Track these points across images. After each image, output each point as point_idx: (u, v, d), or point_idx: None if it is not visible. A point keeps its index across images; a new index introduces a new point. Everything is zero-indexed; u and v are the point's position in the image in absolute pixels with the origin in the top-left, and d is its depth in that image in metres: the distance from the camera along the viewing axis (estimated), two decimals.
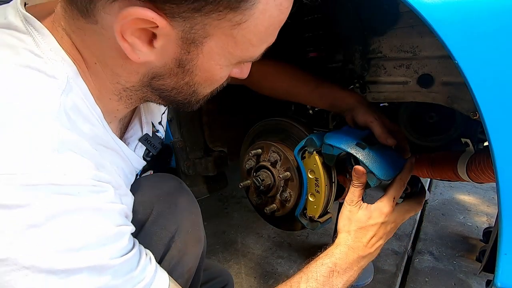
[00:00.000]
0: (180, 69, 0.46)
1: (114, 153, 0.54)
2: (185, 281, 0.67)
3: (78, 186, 0.40)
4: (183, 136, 1.08)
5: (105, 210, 0.42)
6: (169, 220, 0.64)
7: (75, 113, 0.44)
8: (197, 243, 0.70)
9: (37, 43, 0.43)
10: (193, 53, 0.44)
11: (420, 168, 0.90)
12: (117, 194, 0.47)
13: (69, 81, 0.44)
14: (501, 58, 0.45)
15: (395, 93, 0.88)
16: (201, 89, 0.52)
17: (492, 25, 0.45)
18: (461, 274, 1.28)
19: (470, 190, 1.99)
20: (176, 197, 0.67)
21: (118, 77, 0.48)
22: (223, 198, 2.03)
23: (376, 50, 0.87)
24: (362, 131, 0.75)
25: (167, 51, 0.44)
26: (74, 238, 0.38)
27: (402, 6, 0.77)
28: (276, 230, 1.62)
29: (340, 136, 0.73)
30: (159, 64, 0.46)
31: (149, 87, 0.50)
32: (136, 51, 0.42)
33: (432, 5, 0.47)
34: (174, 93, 0.51)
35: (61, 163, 0.38)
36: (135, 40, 0.41)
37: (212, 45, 0.44)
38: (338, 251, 0.64)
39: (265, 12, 0.42)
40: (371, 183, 0.70)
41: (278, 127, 0.89)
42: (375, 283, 1.24)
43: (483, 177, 0.77)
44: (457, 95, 0.76)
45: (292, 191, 0.84)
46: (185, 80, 0.49)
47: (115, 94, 0.50)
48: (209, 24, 0.41)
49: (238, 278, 1.31)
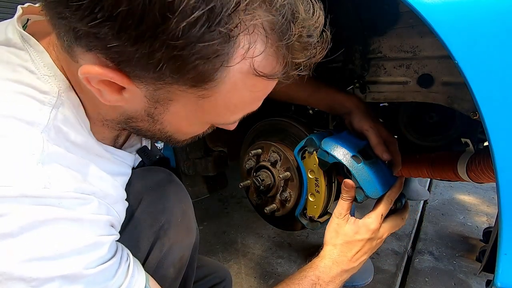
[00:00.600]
0: (150, 118, 0.47)
1: (106, 160, 0.54)
2: (177, 270, 0.67)
3: (59, 198, 0.40)
4: None
5: (85, 220, 0.43)
6: (158, 209, 0.64)
7: (67, 126, 0.45)
8: (188, 233, 0.69)
9: (32, 59, 0.45)
10: (160, 110, 0.44)
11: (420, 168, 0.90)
12: (102, 205, 0.47)
13: (61, 95, 0.45)
14: (501, 58, 0.45)
15: (395, 93, 0.88)
16: (178, 137, 0.53)
17: (492, 25, 0.45)
18: (461, 274, 1.28)
19: (470, 190, 1.99)
20: (165, 187, 0.67)
21: (99, 109, 0.49)
22: (223, 198, 2.03)
23: (376, 50, 0.87)
24: (360, 141, 0.75)
25: (135, 102, 0.44)
26: (49, 247, 0.38)
27: (402, 6, 0.77)
28: (276, 230, 1.62)
29: (338, 144, 0.72)
30: (130, 110, 0.46)
31: (125, 124, 0.51)
32: (104, 96, 0.42)
33: (432, 5, 0.47)
34: (150, 135, 0.52)
35: (44, 176, 0.39)
36: (103, 88, 0.41)
37: (179, 108, 0.44)
38: (322, 264, 0.67)
39: (233, 91, 0.41)
40: (358, 197, 0.72)
41: (278, 127, 0.89)
42: (375, 283, 1.24)
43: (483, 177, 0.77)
44: (457, 95, 0.76)
45: (292, 191, 0.84)
46: (157, 127, 0.49)
47: (99, 120, 0.52)
48: (173, 92, 0.41)
49: (238, 278, 1.31)
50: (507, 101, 0.45)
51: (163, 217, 0.64)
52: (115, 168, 0.57)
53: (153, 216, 0.63)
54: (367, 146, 0.75)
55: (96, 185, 0.48)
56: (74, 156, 0.45)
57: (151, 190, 0.65)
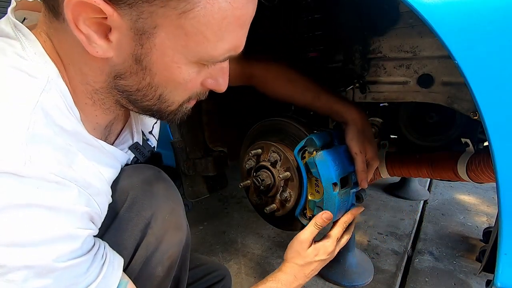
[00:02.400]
0: (138, 66, 0.46)
1: (96, 149, 0.54)
2: (165, 268, 0.65)
3: (38, 179, 0.40)
4: (183, 136, 1.08)
5: (62, 209, 0.42)
6: (144, 206, 0.62)
7: (56, 111, 0.45)
8: (177, 230, 0.67)
9: (23, 47, 0.46)
10: (146, 46, 0.44)
11: (420, 168, 0.90)
12: (83, 195, 0.46)
13: (50, 81, 0.45)
14: (501, 58, 0.45)
15: (395, 93, 0.88)
16: (168, 94, 0.51)
17: (492, 25, 0.45)
18: (461, 274, 1.28)
19: (470, 190, 1.99)
20: (152, 184, 0.65)
21: (86, 77, 0.49)
22: (223, 198, 2.03)
23: (376, 50, 0.87)
24: (350, 166, 0.80)
25: (123, 45, 0.44)
26: (20, 233, 0.38)
27: (402, 6, 0.77)
28: (276, 230, 1.62)
29: (328, 164, 0.75)
30: (118, 60, 0.46)
31: (115, 89, 0.50)
32: (93, 44, 0.42)
33: (432, 5, 0.47)
34: (140, 97, 0.51)
35: (25, 154, 0.39)
36: (90, 32, 0.41)
37: (163, 37, 0.43)
38: (284, 278, 0.75)
39: (213, 3, 0.41)
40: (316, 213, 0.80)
41: (278, 127, 0.89)
42: (375, 283, 1.24)
43: (483, 177, 0.77)
44: (457, 95, 0.76)
45: (292, 191, 0.84)
46: (146, 80, 0.48)
47: (88, 97, 0.51)
48: (155, 12, 0.41)
49: (238, 278, 1.31)
50: (507, 101, 0.45)
51: (149, 215, 0.62)
52: (104, 159, 0.56)
53: (139, 213, 0.61)
54: (352, 173, 0.81)
55: (80, 173, 0.47)
56: (61, 140, 0.45)
57: (137, 187, 0.63)
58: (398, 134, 1.08)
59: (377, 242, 1.50)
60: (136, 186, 0.63)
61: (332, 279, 1.24)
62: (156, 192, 0.64)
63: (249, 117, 1.20)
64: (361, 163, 0.80)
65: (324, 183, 0.76)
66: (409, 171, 0.93)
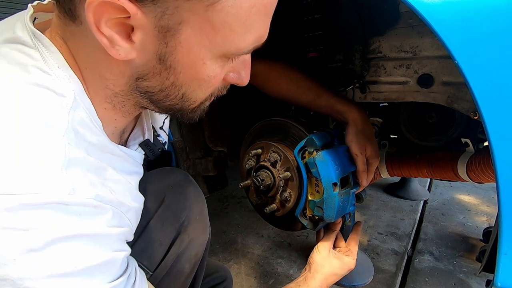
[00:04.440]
0: (162, 66, 0.45)
1: (120, 158, 0.55)
2: (192, 265, 0.70)
3: (81, 206, 0.40)
4: (183, 136, 1.08)
5: (102, 235, 0.43)
6: (179, 207, 0.67)
7: (83, 127, 0.45)
8: (204, 231, 0.73)
9: (45, 59, 0.44)
10: (171, 44, 0.42)
11: (420, 168, 0.90)
12: (116, 215, 0.47)
13: (76, 98, 0.45)
14: (501, 58, 0.45)
15: (395, 93, 0.88)
16: (191, 93, 0.50)
17: (492, 25, 0.45)
18: (461, 274, 1.28)
19: (470, 190, 1.99)
20: (184, 187, 0.70)
21: (106, 81, 0.48)
22: (223, 198, 2.03)
23: (376, 50, 0.87)
24: (350, 166, 0.80)
25: (147, 45, 0.42)
26: (68, 264, 0.39)
27: (402, 6, 0.77)
28: (276, 230, 1.62)
29: (329, 164, 0.75)
30: (141, 61, 0.44)
31: (137, 91, 0.49)
32: (116, 46, 0.41)
33: (432, 5, 0.47)
34: (163, 97, 0.49)
35: (68, 182, 0.39)
36: (112, 34, 0.40)
37: (189, 33, 0.42)
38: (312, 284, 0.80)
39: None
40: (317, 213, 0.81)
41: (278, 127, 0.89)
42: (375, 283, 1.24)
43: (483, 177, 0.77)
44: (457, 95, 0.76)
45: (292, 191, 0.84)
46: (170, 80, 0.47)
47: (108, 102, 0.50)
48: (181, 7, 0.39)
49: (238, 278, 1.31)
50: (507, 101, 0.45)
51: (184, 215, 0.67)
52: (129, 167, 0.57)
53: (175, 213, 0.66)
54: (353, 173, 0.81)
55: (113, 190, 0.48)
56: (93, 159, 0.45)
57: (172, 189, 0.68)
58: (398, 134, 1.08)
59: (377, 242, 1.50)
60: (171, 189, 0.68)
61: None
62: (188, 194, 0.70)
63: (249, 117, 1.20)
64: (361, 164, 0.81)
65: (324, 183, 0.76)
66: (409, 171, 0.93)
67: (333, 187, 0.76)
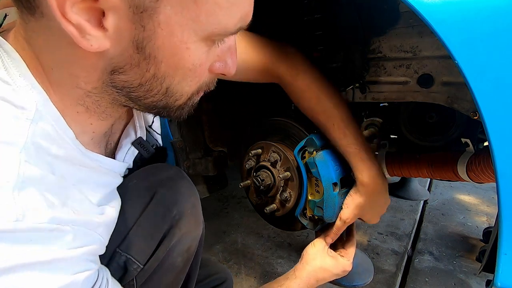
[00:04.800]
0: (141, 55, 0.39)
1: (93, 170, 0.52)
2: (185, 260, 0.70)
3: (31, 232, 0.37)
4: (183, 136, 1.08)
5: (58, 260, 0.40)
6: (171, 201, 0.66)
7: (47, 140, 0.41)
8: (197, 225, 0.72)
9: (6, 67, 0.40)
10: (149, 27, 0.37)
11: (420, 168, 0.90)
12: (79, 235, 0.44)
13: (38, 109, 0.41)
14: (501, 58, 0.45)
15: (395, 93, 0.88)
16: (176, 86, 0.44)
17: (492, 25, 0.45)
18: (461, 274, 1.28)
19: (470, 190, 1.99)
20: (176, 181, 0.70)
21: (77, 79, 0.42)
22: (223, 198, 2.03)
23: (376, 50, 0.87)
24: (349, 169, 0.79)
25: (121, 31, 0.37)
26: None
27: (402, 6, 0.77)
28: (276, 230, 1.62)
29: (329, 163, 0.75)
30: (116, 51, 0.39)
31: (113, 86, 0.43)
32: (86, 36, 0.36)
33: (432, 5, 0.47)
34: (144, 92, 0.44)
35: (18, 206, 0.36)
36: (80, 20, 0.35)
37: (169, 12, 0.36)
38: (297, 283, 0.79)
39: None
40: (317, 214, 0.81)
41: (278, 127, 0.89)
42: (375, 283, 1.24)
43: (483, 177, 0.77)
44: (457, 95, 0.76)
45: (292, 191, 0.84)
46: (151, 71, 0.41)
47: (80, 104, 0.45)
48: None
49: (238, 278, 1.31)
50: (507, 101, 0.45)
51: (175, 209, 0.66)
52: (103, 178, 0.55)
53: (166, 207, 0.65)
54: (351, 175, 0.80)
55: (77, 208, 0.44)
56: (54, 177, 0.42)
57: (163, 184, 0.67)
58: (398, 134, 1.08)
59: (377, 242, 1.50)
60: (162, 183, 0.67)
61: None
62: (180, 189, 0.69)
63: (249, 117, 1.20)
64: (338, 229, 0.82)
65: (324, 183, 0.76)
66: (409, 171, 0.93)
67: (333, 187, 0.76)
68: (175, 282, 0.71)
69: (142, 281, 0.64)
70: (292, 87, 0.77)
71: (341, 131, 0.74)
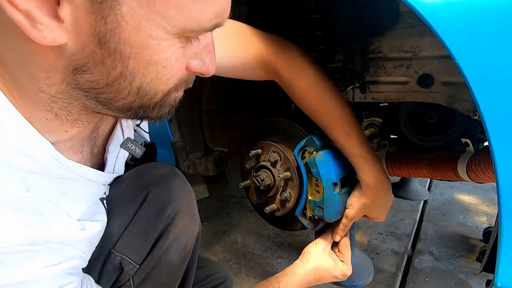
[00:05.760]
0: (104, 51, 0.35)
1: (72, 182, 0.49)
2: (182, 258, 0.69)
3: (3, 255, 0.36)
4: (183, 136, 1.08)
5: (33, 280, 0.39)
6: (164, 200, 0.66)
7: (19, 156, 0.39)
8: (192, 222, 0.71)
9: None
10: (112, 20, 0.33)
11: (420, 168, 0.90)
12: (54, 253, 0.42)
13: (4, 123, 0.38)
14: (501, 58, 0.45)
15: (395, 93, 0.88)
16: (148, 84, 0.40)
17: (492, 25, 0.45)
18: (461, 274, 1.28)
19: (470, 190, 1.99)
20: (170, 179, 0.69)
21: (38, 82, 0.38)
22: (223, 198, 2.03)
23: (376, 50, 0.87)
24: (350, 166, 0.78)
25: (80, 23, 0.33)
26: None
27: (402, 6, 0.77)
28: (276, 230, 1.62)
29: (329, 164, 0.75)
30: (76, 47, 0.35)
31: (78, 89, 0.39)
32: (37, 25, 0.31)
33: (432, 5, 0.47)
34: (113, 94, 0.39)
35: None
36: (30, 7, 0.30)
37: (132, 4, 0.32)
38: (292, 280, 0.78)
39: None
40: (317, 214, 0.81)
41: (278, 127, 0.89)
42: (375, 283, 1.24)
43: (483, 177, 0.77)
44: (457, 95, 0.76)
45: (292, 191, 0.84)
46: (118, 69, 0.37)
47: (47, 110, 0.41)
48: None
49: (238, 278, 1.31)
50: (507, 101, 0.45)
51: (170, 207, 0.66)
52: (82, 190, 0.52)
53: (160, 206, 0.65)
54: (352, 174, 0.80)
55: (52, 226, 0.43)
56: (29, 195, 0.40)
57: (157, 183, 0.66)
58: (398, 134, 1.08)
59: (377, 242, 1.50)
60: (155, 182, 0.66)
61: None
62: (173, 187, 0.68)
63: (249, 117, 1.20)
64: (344, 228, 0.81)
65: (324, 183, 0.76)
66: (409, 171, 0.93)
67: (333, 187, 0.76)
68: (172, 280, 0.71)
69: (139, 280, 0.64)
70: (292, 85, 0.73)
71: (346, 133, 0.72)
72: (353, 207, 0.78)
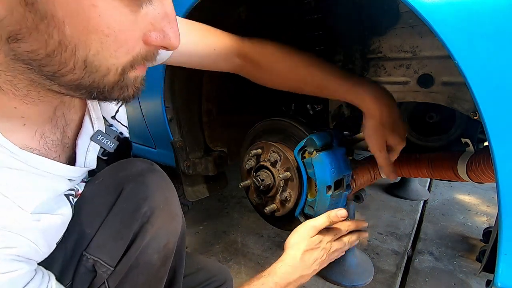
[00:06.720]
0: (35, 15, 0.31)
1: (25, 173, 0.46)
2: (162, 257, 0.66)
3: None
4: (183, 136, 1.08)
5: None
6: (139, 197, 0.62)
7: None
8: (172, 220, 0.67)
9: None
10: None
11: (420, 168, 0.90)
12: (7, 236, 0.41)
13: None
14: (501, 58, 0.45)
15: (395, 93, 0.88)
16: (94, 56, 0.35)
17: (492, 25, 0.45)
18: (461, 274, 1.28)
19: (470, 190, 1.99)
20: (146, 176, 0.65)
21: None
22: (223, 198, 2.03)
23: (376, 50, 0.87)
24: (346, 170, 0.79)
25: None
26: None
27: (402, 6, 0.77)
28: (276, 230, 1.62)
29: (325, 164, 0.76)
30: (3, 11, 0.31)
31: (19, 60, 0.36)
32: None
33: (432, 5, 0.47)
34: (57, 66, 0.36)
35: None
36: None
37: None
38: (281, 270, 0.71)
39: None
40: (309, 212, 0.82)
41: (278, 127, 0.89)
42: (375, 283, 1.24)
43: (483, 177, 0.77)
44: (457, 95, 0.76)
45: (292, 191, 0.84)
46: (55, 37, 0.33)
47: None
48: None
49: (238, 278, 1.31)
50: (507, 101, 0.45)
51: (146, 204, 0.62)
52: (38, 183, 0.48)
53: (135, 203, 0.61)
54: (348, 176, 0.81)
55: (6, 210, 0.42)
56: None
57: (131, 179, 0.63)
58: None
59: (377, 242, 1.50)
60: (130, 179, 0.63)
61: (332, 279, 1.24)
62: (150, 183, 0.64)
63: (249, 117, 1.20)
64: (382, 160, 0.75)
65: (319, 184, 0.76)
66: (409, 171, 0.93)
67: (326, 190, 0.77)
68: (154, 280, 0.67)
69: (116, 283, 0.61)
70: (261, 56, 0.72)
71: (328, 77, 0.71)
72: (370, 137, 0.72)
